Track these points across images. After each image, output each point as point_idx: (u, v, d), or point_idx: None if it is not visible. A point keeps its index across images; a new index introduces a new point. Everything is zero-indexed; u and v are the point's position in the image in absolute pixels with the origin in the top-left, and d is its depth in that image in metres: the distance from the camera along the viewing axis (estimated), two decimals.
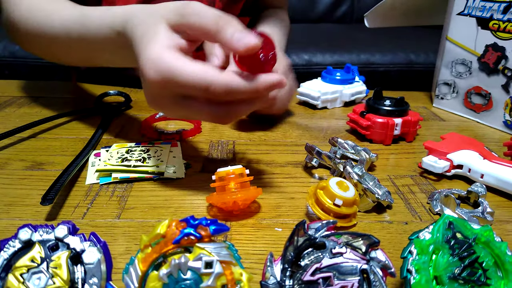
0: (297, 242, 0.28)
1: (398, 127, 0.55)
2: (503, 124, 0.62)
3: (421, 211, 0.41)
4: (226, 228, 0.27)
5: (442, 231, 0.29)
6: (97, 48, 0.50)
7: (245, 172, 0.40)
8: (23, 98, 0.69)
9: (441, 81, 0.70)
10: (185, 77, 0.35)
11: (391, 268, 0.27)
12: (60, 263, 0.27)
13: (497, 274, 0.28)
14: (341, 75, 0.70)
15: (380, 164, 0.50)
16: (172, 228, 0.27)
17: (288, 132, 0.59)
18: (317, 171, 0.48)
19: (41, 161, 0.48)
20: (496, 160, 0.46)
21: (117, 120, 0.61)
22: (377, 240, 0.28)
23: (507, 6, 0.58)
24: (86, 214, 0.39)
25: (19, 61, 1.36)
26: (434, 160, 0.47)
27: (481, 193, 0.41)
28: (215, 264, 0.25)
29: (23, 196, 0.41)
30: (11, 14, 0.60)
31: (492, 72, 0.62)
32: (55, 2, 0.56)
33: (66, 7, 0.54)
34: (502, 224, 0.40)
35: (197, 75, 0.35)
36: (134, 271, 0.26)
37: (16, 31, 0.60)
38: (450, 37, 0.67)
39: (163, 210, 0.40)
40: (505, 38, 0.60)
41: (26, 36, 0.60)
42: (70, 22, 0.51)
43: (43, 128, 0.57)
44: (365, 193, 0.39)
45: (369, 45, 1.51)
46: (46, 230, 0.28)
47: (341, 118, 0.65)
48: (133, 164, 0.45)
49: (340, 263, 0.27)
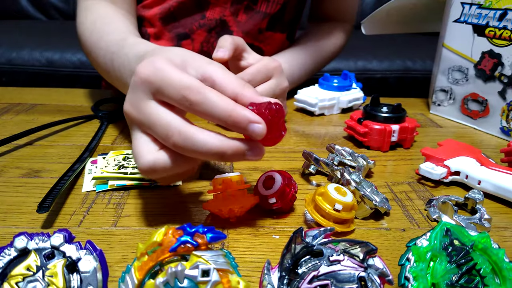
0: (294, 250, 0.28)
1: (395, 133, 0.55)
2: (500, 131, 0.62)
3: (418, 218, 0.41)
4: (223, 235, 0.27)
5: (439, 238, 0.29)
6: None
7: (242, 179, 0.40)
8: (20, 105, 0.69)
9: (438, 87, 0.70)
10: (174, 79, 0.34)
11: (389, 275, 0.27)
12: (56, 272, 0.26)
13: (494, 281, 0.28)
14: (338, 82, 0.70)
15: (378, 170, 0.50)
16: (168, 236, 0.27)
17: (285, 139, 0.59)
18: (315, 178, 0.48)
19: (38, 169, 0.48)
20: (493, 167, 0.46)
21: (114, 127, 0.61)
22: (375, 247, 0.27)
23: (503, 13, 0.59)
24: (82, 222, 0.38)
25: (16, 68, 1.36)
26: (431, 166, 0.47)
27: (478, 200, 0.41)
28: (212, 272, 0.25)
29: (19, 203, 0.41)
30: (79, 26, 0.64)
31: (489, 78, 0.62)
32: (115, 22, 0.60)
33: (115, 33, 0.56)
34: (499, 230, 0.40)
35: (185, 83, 0.34)
36: (130, 279, 0.26)
37: (82, 44, 0.63)
38: (446, 44, 0.67)
39: (159, 218, 0.39)
40: (501, 45, 0.60)
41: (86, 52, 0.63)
42: (106, 59, 0.54)
43: (39, 136, 0.57)
44: (362, 200, 0.39)
45: (366, 52, 1.52)
46: (42, 238, 0.28)
47: (339, 125, 0.65)
48: (130, 171, 0.45)
49: (338, 270, 0.27)
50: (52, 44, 1.42)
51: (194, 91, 0.33)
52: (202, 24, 0.71)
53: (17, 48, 1.39)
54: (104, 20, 0.61)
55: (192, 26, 0.72)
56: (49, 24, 1.83)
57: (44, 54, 1.38)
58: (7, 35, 1.53)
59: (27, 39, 1.48)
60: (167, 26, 0.72)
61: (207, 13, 0.71)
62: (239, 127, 0.33)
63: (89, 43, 0.60)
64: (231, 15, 0.72)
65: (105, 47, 0.54)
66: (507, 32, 0.59)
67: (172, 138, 0.33)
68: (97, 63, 0.58)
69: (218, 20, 0.72)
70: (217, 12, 0.71)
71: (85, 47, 0.62)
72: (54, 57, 1.38)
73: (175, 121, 0.34)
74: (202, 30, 0.72)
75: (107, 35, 0.56)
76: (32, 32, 1.62)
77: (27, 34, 1.57)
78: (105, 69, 0.55)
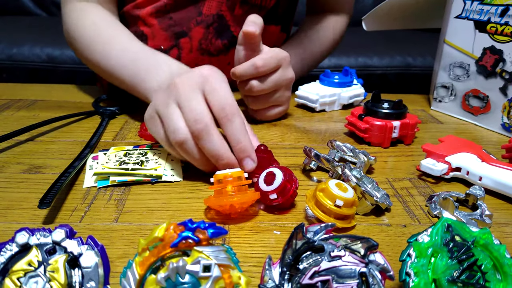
0: (295, 245, 0.28)
1: (396, 129, 0.55)
2: (501, 127, 0.62)
3: (419, 214, 0.41)
4: (224, 231, 0.27)
5: (440, 234, 0.29)
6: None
7: (243, 175, 0.40)
8: (21, 101, 0.69)
9: (439, 84, 0.70)
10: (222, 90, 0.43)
11: (390, 271, 0.27)
12: (58, 267, 0.26)
13: (495, 277, 0.28)
14: (339, 78, 0.70)
15: (379, 167, 0.50)
16: (170, 231, 0.27)
17: (286, 135, 0.59)
18: (316, 174, 0.48)
19: (39, 165, 0.48)
20: (494, 163, 0.46)
21: (115, 123, 0.61)
22: (376, 243, 0.27)
23: (504, 9, 0.59)
24: (83, 218, 0.38)
25: (17, 65, 1.36)
26: (432, 162, 0.47)
27: (479, 196, 0.41)
28: (213, 267, 0.25)
29: (20, 199, 0.41)
30: (71, 33, 0.65)
31: (490, 75, 0.62)
32: (114, 28, 0.63)
33: (122, 42, 0.60)
34: (500, 226, 0.40)
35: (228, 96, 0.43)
36: (131, 274, 0.26)
37: (80, 43, 0.65)
38: (448, 40, 0.67)
39: (161, 214, 0.40)
40: (503, 41, 0.60)
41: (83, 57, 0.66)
42: (122, 66, 0.58)
43: (40, 131, 0.57)
44: (363, 196, 0.39)
45: (367, 48, 1.51)
46: (44, 234, 0.28)
47: (340, 121, 0.65)
48: (131, 167, 0.45)
49: (339, 266, 0.27)
50: (53, 41, 1.41)
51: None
52: (200, 21, 0.71)
53: (17, 45, 1.39)
54: (105, 22, 0.64)
55: (190, 24, 0.71)
56: (49, 21, 1.83)
57: (44, 50, 1.38)
58: (8, 31, 1.53)
59: (28, 36, 1.47)
60: (163, 25, 0.71)
61: (203, 9, 0.71)
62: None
63: (93, 42, 0.62)
64: (227, 10, 0.72)
65: (121, 48, 0.59)
66: (509, 28, 0.59)
67: (196, 126, 0.41)
68: (106, 62, 0.60)
69: (215, 16, 0.71)
70: (214, 7, 0.71)
71: (85, 45, 0.63)
72: (55, 53, 1.38)
73: (206, 113, 0.42)
74: (200, 27, 0.71)
75: (116, 37, 0.61)
76: (33, 28, 1.61)
77: (28, 31, 1.57)
78: (120, 66, 0.58)
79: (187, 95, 0.43)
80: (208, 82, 0.44)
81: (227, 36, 0.73)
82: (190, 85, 0.44)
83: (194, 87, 0.43)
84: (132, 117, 0.64)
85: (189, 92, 0.43)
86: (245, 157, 0.43)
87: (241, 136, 0.43)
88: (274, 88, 0.59)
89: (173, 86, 0.44)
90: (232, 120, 0.43)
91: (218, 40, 0.72)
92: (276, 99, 0.61)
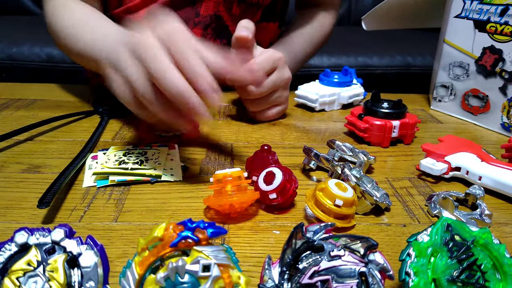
0: (295, 245, 0.28)
1: (396, 129, 0.55)
2: (501, 127, 0.62)
3: (419, 214, 0.41)
4: (223, 231, 0.27)
5: (440, 233, 0.29)
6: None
7: (243, 175, 0.40)
8: (20, 100, 0.69)
9: (438, 83, 0.70)
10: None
11: (390, 270, 0.27)
12: (57, 267, 0.26)
13: (495, 276, 0.28)
14: (339, 78, 0.70)
15: (378, 166, 0.50)
16: (169, 231, 0.27)
17: (286, 134, 0.59)
18: (315, 173, 0.48)
19: (38, 164, 0.48)
20: (494, 162, 0.46)
21: (115, 123, 0.61)
22: (376, 243, 0.27)
23: (504, 9, 0.59)
24: (83, 217, 0.38)
25: (16, 64, 1.36)
26: (432, 162, 0.47)
27: (479, 195, 0.41)
28: (213, 267, 0.25)
29: (19, 199, 0.41)
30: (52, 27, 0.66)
31: (490, 74, 0.62)
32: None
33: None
34: (500, 226, 0.40)
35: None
36: (131, 274, 0.26)
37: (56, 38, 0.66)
38: (447, 40, 0.67)
39: (160, 213, 0.40)
40: (502, 40, 0.60)
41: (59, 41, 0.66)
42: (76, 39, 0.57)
43: (40, 131, 0.57)
44: (363, 195, 0.39)
45: (366, 48, 1.51)
46: (43, 234, 0.28)
47: (339, 121, 0.65)
48: (130, 167, 0.45)
49: (339, 266, 0.27)
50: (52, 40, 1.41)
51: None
52: (197, 22, 0.70)
53: (17, 44, 1.39)
54: (83, 11, 0.63)
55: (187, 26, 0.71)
56: None
57: (44, 49, 1.38)
58: (7, 31, 1.53)
59: (27, 35, 1.47)
60: None
61: (200, 10, 0.70)
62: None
63: (66, 28, 0.61)
64: (225, 10, 0.71)
65: (90, 30, 0.57)
66: (509, 27, 0.59)
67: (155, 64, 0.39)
68: (76, 45, 0.59)
69: (213, 16, 0.71)
70: (211, 7, 0.70)
71: (61, 33, 0.63)
72: (54, 52, 1.38)
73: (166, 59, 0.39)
74: (197, 28, 0.71)
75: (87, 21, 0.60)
76: (32, 27, 1.61)
77: (27, 30, 1.56)
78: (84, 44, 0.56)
79: (142, 40, 0.41)
80: (159, 22, 0.42)
81: (226, 36, 0.72)
82: (141, 30, 0.42)
83: (145, 28, 0.42)
84: (132, 117, 0.64)
85: (142, 33, 0.41)
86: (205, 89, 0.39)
87: (196, 67, 0.39)
88: (272, 89, 0.59)
89: (127, 39, 0.43)
90: (182, 49, 0.40)
91: (217, 41, 0.72)
92: (274, 99, 0.61)
